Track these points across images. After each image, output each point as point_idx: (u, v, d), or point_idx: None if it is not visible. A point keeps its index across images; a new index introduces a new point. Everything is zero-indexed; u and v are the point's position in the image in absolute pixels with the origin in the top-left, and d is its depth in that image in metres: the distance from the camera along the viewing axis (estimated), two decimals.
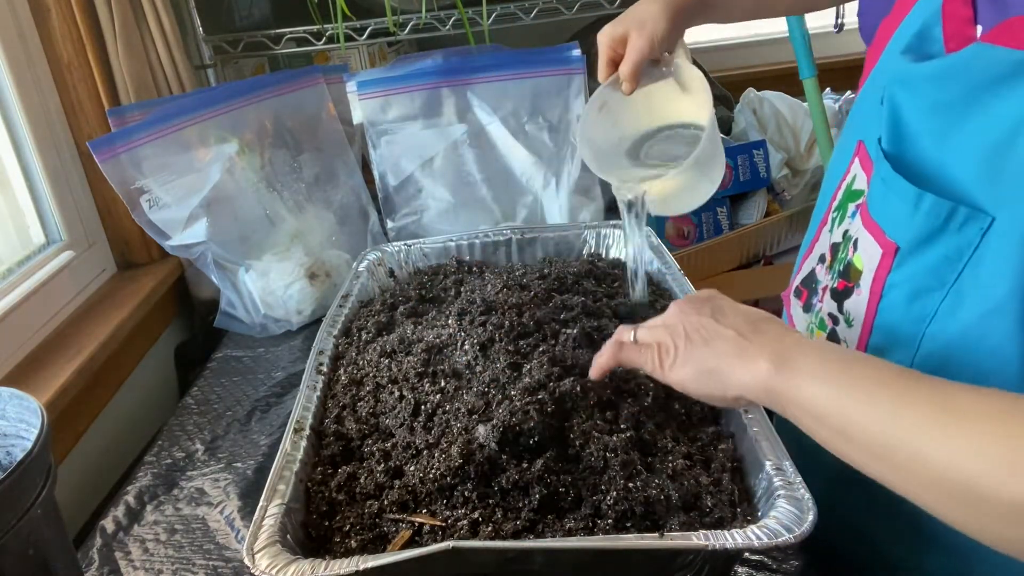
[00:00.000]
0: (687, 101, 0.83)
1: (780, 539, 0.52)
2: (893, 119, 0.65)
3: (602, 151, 0.83)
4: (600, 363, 0.68)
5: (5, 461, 0.66)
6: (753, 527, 0.54)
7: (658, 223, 1.49)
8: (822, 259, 0.79)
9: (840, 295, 0.72)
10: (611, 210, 1.55)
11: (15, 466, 0.56)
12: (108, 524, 0.81)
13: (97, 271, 1.21)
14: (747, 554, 0.69)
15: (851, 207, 0.73)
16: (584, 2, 1.44)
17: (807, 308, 0.79)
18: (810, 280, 0.80)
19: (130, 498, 0.85)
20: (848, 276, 0.70)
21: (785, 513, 0.55)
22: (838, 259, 0.74)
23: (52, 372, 0.95)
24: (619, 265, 0.99)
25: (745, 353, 0.56)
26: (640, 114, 0.83)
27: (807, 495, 0.56)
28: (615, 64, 0.83)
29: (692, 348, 0.59)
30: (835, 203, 0.78)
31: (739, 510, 0.60)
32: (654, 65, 0.82)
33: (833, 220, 0.78)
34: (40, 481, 0.60)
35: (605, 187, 1.48)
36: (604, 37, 0.84)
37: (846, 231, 0.73)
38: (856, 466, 0.51)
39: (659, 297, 0.91)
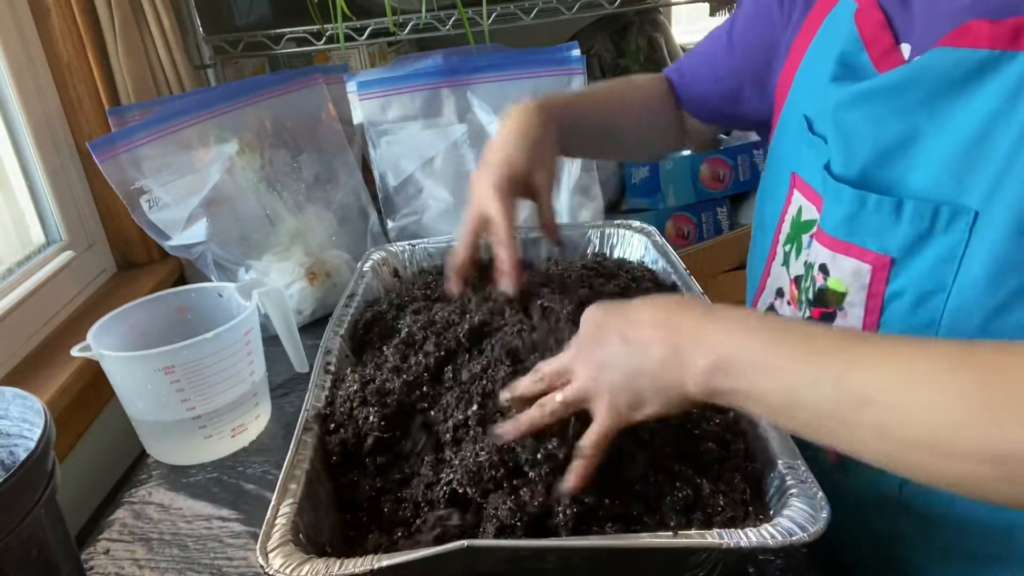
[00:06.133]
0: None
1: (795, 537, 0.52)
2: (844, 141, 0.66)
3: None
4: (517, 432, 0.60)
5: (8, 461, 0.65)
6: (767, 525, 0.53)
7: (658, 222, 1.50)
8: (780, 293, 0.78)
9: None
10: (611, 209, 1.55)
11: (18, 466, 0.55)
12: (111, 523, 0.80)
13: (97, 271, 1.20)
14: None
15: (805, 238, 0.73)
16: (584, 2, 1.44)
17: None
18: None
19: (133, 497, 0.84)
20: (824, 302, 0.69)
21: (799, 512, 0.54)
22: (802, 289, 0.73)
23: (52, 372, 0.94)
24: (623, 265, 0.98)
25: (676, 363, 0.52)
26: None
27: (820, 493, 0.55)
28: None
29: (628, 383, 0.54)
30: (782, 236, 0.77)
31: (751, 508, 0.60)
32: None
33: (787, 253, 0.77)
34: (43, 481, 0.59)
35: (605, 187, 1.48)
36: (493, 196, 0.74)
37: (806, 261, 0.73)
38: (811, 438, 0.49)
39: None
